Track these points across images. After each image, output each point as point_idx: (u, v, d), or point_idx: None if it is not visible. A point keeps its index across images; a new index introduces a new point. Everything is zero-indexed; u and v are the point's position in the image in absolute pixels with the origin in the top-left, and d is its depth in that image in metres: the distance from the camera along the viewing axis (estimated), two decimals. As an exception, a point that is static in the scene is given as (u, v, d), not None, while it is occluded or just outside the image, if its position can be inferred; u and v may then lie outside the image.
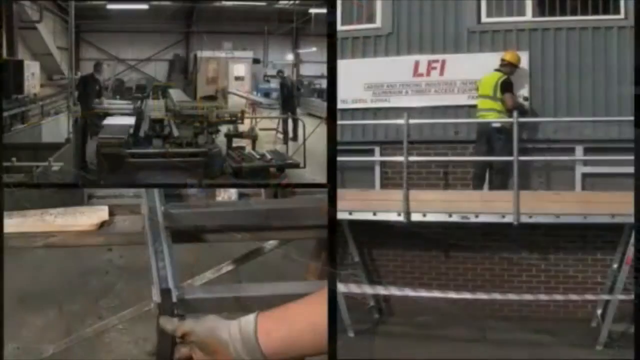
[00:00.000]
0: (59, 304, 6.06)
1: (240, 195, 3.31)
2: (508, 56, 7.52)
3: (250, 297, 2.38)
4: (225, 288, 2.53)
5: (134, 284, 6.36)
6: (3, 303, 3.24)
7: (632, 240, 6.44)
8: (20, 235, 2.95)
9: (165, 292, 2.27)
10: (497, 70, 7.52)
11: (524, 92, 7.64)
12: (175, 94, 13.96)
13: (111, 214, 3.13)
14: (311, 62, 26.19)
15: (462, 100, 7.79)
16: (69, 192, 3.23)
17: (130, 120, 9.88)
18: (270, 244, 4.08)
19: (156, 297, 2.26)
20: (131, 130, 9.12)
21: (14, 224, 2.97)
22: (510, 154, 7.15)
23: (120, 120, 9.89)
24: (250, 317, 1.98)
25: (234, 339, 1.95)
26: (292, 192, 3.36)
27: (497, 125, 7.38)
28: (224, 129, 10.30)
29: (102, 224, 3.05)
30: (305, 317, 1.95)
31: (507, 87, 7.38)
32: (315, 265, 3.52)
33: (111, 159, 8.10)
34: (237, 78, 22.73)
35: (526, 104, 7.57)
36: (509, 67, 7.49)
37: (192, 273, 4.70)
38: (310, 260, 3.65)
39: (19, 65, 10.31)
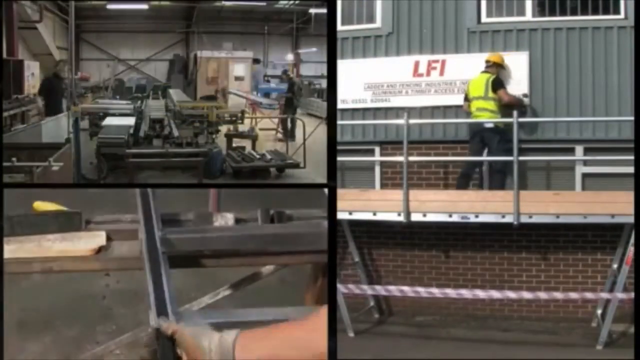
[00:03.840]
0: (56, 329, 6.05)
1: (237, 220, 3.32)
2: (493, 57, 7.56)
3: (247, 323, 2.40)
4: (222, 313, 2.55)
5: (132, 309, 6.35)
6: (3, 323, 3.23)
7: (632, 240, 6.44)
8: (18, 261, 2.96)
9: (163, 317, 2.29)
10: (483, 72, 7.54)
11: (523, 88, 7.62)
12: (175, 94, 13.98)
13: (109, 239, 3.15)
14: (311, 62, 26.25)
15: (462, 100, 7.79)
16: (67, 218, 3.23)
17: (130, 121, 9.88)
18: (267, 269, 4.09)
19: (154, 322, 2.28)
20: (131, 130, 9.12)
21: (11, 249, 2.98)
22: (506, 154, 7.20)
23: (120, 120, 9.89)
24: (232, 332, 2.04)
25: (212, 348, 2.00)
26: (289, 217, 3.36)
27: (490, 125, 7.39)
28: (224, 129, 10.32)
29: (100, 250, 3.07)
30: (287, 336, 1.98)
31: (498, 84, 7.41)
32: (312, 291, 3.51)
33: (111, 159, 8.11)
34: (237, 78, 22.75)
35: (526, 100, 7.55)
36: (494, 68, 7.53)
37: (189, 298, 4.70)
38: (307, 285, 3.63)
39: (19, 65, 10.33)
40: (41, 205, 3.31)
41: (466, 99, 7.63)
